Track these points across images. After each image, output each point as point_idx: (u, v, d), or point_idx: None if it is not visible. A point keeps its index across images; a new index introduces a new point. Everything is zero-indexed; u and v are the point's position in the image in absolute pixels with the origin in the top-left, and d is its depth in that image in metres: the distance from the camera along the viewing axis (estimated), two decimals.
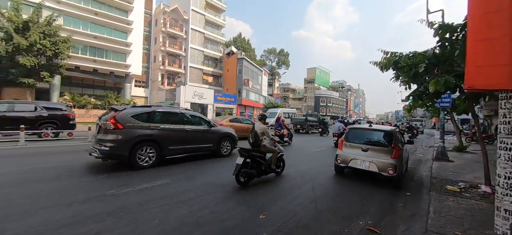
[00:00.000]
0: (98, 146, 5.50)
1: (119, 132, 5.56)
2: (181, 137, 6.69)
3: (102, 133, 5.73)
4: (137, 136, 5.72)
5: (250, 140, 5.14)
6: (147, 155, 5.87)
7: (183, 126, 6.87)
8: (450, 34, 5.51)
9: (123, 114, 5.82)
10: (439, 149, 8.97)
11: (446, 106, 8.52)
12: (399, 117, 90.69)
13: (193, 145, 7.10)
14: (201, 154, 7.52)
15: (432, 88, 4.56)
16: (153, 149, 5.97)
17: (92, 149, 5.70)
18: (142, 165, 5.72)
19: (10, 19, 17.86)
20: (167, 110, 6.94)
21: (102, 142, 5.53)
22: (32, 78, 19.04)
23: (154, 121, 6.26)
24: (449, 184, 5.34)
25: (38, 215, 3.12)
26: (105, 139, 5.53)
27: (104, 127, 5.71)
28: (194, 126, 7.22)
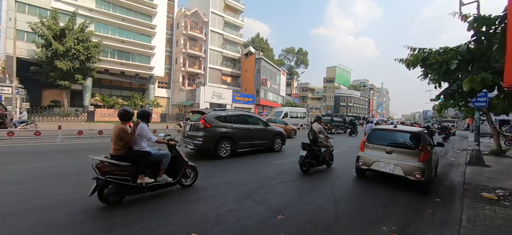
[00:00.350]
0: (192, 141, 7.17)
1: (207, 130, 7.11)
2: (248, 134, 8.19)
3: (194, 131, 7.34)
4: (220, 133, 7.27)
5: (310, 137, 6.35)
6: (225, 148, 7.37)
7: (248, 125, 8.38)
8: (487, 27, 5.05)
9: (209, 116, 7.40)
10: (473, 153, 8.23)
11: (482, 106, 7.80)
12: (428, 117, 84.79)
13: (255, 141, 8.56)
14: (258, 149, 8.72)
15: (466, 86, 4.21)
16: (229, 144, 7.47)
17: (186, 143, 7.39)
18: (222, 156, 7.24)
19: (49, 27, 19.69)
20: (236, 112, 8.61)
21: (195, 137, 7.12)
22: (68, 80, 20.83)
23: (228, 121, 7.76)
24: (485, 191, 4.88)
25: (61, 209, 3.41)
26: (198, 135, 7.11)
27: (196, 126, 7.29)
28: (255, 126, 8.71)
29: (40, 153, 7.23)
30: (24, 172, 5.04)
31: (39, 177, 4.73)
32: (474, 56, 5.37)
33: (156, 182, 3.78)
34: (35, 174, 4.92)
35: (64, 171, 5.25)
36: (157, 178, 3.81)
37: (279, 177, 5.56)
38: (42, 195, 3.79)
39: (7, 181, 4.35)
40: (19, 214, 3.09)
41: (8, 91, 17.00)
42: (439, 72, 5.57)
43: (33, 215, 3.07)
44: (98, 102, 26.51)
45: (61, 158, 6.66)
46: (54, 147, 8.26)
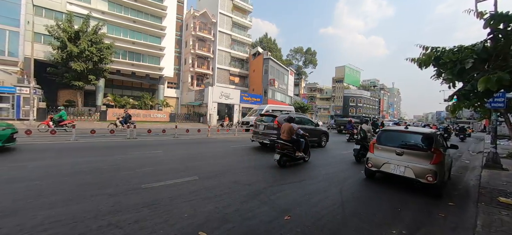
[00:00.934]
0: (268, 137, 9.53)
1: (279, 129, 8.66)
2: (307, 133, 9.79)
3: (268, 129, 9.75)
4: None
5: (361, 135, 8.34)
6: None
7: (305, 125, 10.26)
8: (504, 25, 4.85)
9: (280, 118, 9.49)
10: (489, 156, 7.90)
11: (499, 107, 7.48)
12: (441, 118, 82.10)
13: (310, 139, 9.70)
14: None
15: (481, 86, 4.04)
16: None
17: (262, 138, 9.94)
18: None
19: (64, 29, 20.44)
20: (298, 115, 11.26)
21: (270, 135, 9.54)
22: (82, 81, 21.54)
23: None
24: (502, 195, 4.67)
25: (82, 203, 3.54)
26: (272, 133, 9.48)
27: (270, 126, 9.75)
28: (310, 126, 10.78)
29: (54, 151, 7.52)
30: (43, 168, 5.27)
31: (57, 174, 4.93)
32: (490, 55, 5.16)
33: (301, 156, 6.97)
34: (53, 171, 5.14)
35: (77, 169, 5.44)
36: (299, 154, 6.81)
37: (286, 177, 5.55)
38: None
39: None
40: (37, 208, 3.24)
41: (26, 92, 17.77)
42: (453, 71, 5.37)
43: (48, 210, 3.21)
44: (110, 102, 27.29)
45: (74, 156, 6.89)
46: (70, 145, 8.56)
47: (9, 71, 19.76)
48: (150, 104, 29.24)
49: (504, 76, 4.04)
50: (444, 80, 6.25)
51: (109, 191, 4.02)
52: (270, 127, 9.65)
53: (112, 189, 4.13)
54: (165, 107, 30.56)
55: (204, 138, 13.52)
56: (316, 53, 61.36)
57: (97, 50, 21.51)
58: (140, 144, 9.23)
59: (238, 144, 11.19)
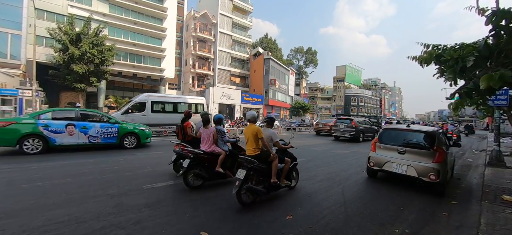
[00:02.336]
0: (348, 133, 14.38)
1: (355, 128, 14.41)
2: (365, 130, 15.53)
3: (348, 128, 14.54)
4: (361, 130, 14.75)
5: None
6: (362, 137, 14.78)
7: (365, 125, 16.28)
8: (507, 21, 4.80)
9: (356, 121, 14.85)
10: (493, 154, 7.84)
11: (502, 105, 7.42)
12: (443, 116, 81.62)
13: (365, 134, 15.51)
14: None
15: (483, 84, 4.00)
16: (363, 135, 14.90)
17: (343, 134, 14.66)
18: (360, 141, 14.39)
19: (66, 32, 20.56)
20: (361, 118, 17.51)
21: (349, 131, 14.39)
22: (83, 83, 21.64)
23: (361, 123, 15.51)
24: (506, 193, 4.63)
25: (85, 203, 3.54)
26: (351, 130, 14.37)
27: (349, 125, 14.56)
28: (366, 125, 16.30)
29: (56, 152, 7.54)
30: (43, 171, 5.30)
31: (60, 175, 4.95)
32: (492, 52, 5.11)
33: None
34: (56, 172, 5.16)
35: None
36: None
37: None
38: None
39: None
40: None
41: (29, 94, 17.89)
42: (455, 69, 5.33)
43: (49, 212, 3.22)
44: (112, 103, 27.41)
45: (76, 158, 6.91)
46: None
47: (11, 74, 19.91)
48: None
49: (507, 73, 3.99)
50: (446, 78, 6.21)
51: (111, 192, 4.03)
52: (350, 126, 14.54)
53: (114, 190, 4.14)
54: None
55: None
56: (317, 52, 61.36)
57: (99, 52, 21.59)
58: (141, 145, 9.24)
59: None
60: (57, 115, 7.71)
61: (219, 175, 4.56)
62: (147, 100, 14.92)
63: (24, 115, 7.17)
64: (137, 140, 9.06)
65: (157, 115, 15.13)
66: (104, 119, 8.68)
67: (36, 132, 7.09)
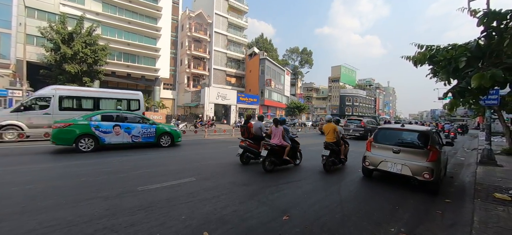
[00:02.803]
0: (358, 132, 16.43)
1: (364, 127, 16.55)
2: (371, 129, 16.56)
3: (357, 127, 16.64)
4: (369, 129, 16.35)
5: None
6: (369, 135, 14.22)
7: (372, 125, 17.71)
8: (498, 22, 4.90)
9: (365, 121, 17.19)
10: (484, 152, 8.01)
11: (493, 104, 7.61)
12: (436, 116, 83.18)
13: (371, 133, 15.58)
14: None
15: (475, 83, 4.08)
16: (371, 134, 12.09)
17: (352, 132, 16.54)
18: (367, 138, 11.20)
19: (58, 31, 20.14)
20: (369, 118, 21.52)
21: (358, 131, 16.54)
22: (76, 83, 21.21)
23: (368, 124, 17.45)
24: (498, 191, 4.73)
25: (77, 207, 3.46)
26: (359, 129, 16.60)
27: (358, 125, 16.70)
28: (372, 125, 17.65)
29: (47, 154, 7.37)
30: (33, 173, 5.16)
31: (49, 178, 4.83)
32: (484, 53, 5.22)
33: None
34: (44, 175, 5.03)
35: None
36: None
37: (284, 177, 5.53)
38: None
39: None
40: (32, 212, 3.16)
41: (19, 94, 17.46)
42: (448, 70, 5.42)
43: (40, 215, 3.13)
44: None
45: (68, 159, 6.76)
46: (64, 148, 8.41)
47: (1, 74, 19.39)
48: (146, 105, 28.99)
49: (498, 72, 4.07)
50: (439, 78, 6.31)
51: (104, 194, 3.95)
52: (359, 126, 16.74)
53: (107, 192, 4.05)
54: (161, 109, 30.35)
55: (201, 139, 13.44)
56: (312, 53, 61.71)
57: (92, 51, 21.22)
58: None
59: (235, 145, 11.14)
60: (104, 116, 8.66)
61: (285, 162, 6.26)
62: (53, 94, 10.96)
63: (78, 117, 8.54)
64: (171, 139, 9.90)
65: (68, 113, 10.72)
66: (144, 120, 9.62)
67: (89, 132, 7.93)
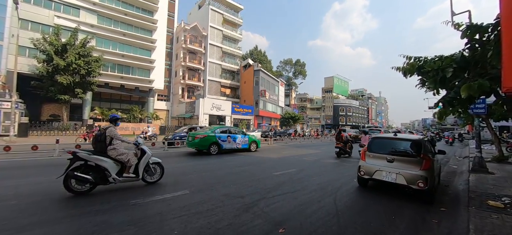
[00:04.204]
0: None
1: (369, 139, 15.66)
2: None
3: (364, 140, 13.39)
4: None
5: None
6: None
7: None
8: (480, 35, 5.14)
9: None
10: (475, 160, 8.15)
11: (481, 113, 7.83)
12: (427, 125, 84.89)
13: None
14: None
15: (464, 93, 4.21)
16: None
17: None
18: None
19: (51, 42, 19.99)
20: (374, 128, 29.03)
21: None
22: (68, 94, 20.90)
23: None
24: (491, 198, 4.78)
25: (63, 223, 3.30)
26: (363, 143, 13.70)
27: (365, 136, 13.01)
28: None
29: (34, 167, 7.11)
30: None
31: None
32: (469, 63, 5.43)
33: None
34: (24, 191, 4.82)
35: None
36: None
37: (279, 188, 5.46)
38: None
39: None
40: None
41: (8, 106, 17.00)
42: (436, 80, 5.60)
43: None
44: (98, 115, 26.50)
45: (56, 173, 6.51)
46: (53, 162, 8.14)
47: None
48: (140, 117, 28.63)
49: (484, 83, 4.23)
50: (428, 88, 6.51)
51: (94, 209, 3.79)
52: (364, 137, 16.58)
53: (97, 207, 3.90)
54: (155, 120, 29.99)
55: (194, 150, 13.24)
56: (305, 64, 62.86)
57: (85, 63, 21.09)
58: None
59: (229, 156, 11.03)
60: (221, 129, 12.37)
61: None
62: None
63: (206, 130, 12.42)
64: (256, 145, 13.47)
65: None
66: (241, 132, 13.12)
67: (216, 141, 11.46)
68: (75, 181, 4.39)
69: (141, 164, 5.04)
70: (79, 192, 4.43)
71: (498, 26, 4.58)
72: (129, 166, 4.86)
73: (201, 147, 11.13)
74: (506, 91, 2.19)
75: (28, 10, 22.84)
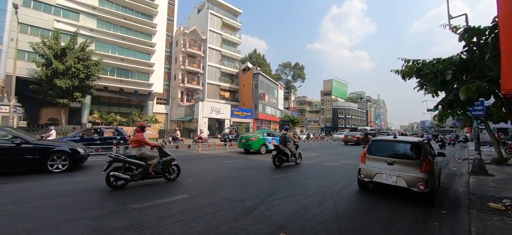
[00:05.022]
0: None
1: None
2: None
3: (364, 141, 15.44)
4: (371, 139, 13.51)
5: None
6: None
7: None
8: (478, 38, 5.18)
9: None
10: (475, 162, 8.15)
11: (480, 115, 7.86)
12: (426, 127, 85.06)
13: None
14: None
15: (463, 95, 4.22)
16: None
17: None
18: None
19: (50, 46, 19.98)
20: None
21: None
22: (67, 98, 20.82)
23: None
24: (491, 201, 4.77)
25: (62, 228, 3.26)
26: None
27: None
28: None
29: None
30: None
31: None
32: (467, 66, 5.46)
33: None
34: None
35: None
36: None
37: (280, 192, 5.43)
38: None
39: None
40: None
41: (6, 110, 16.93)
42: (436, 82, 5.62)
43: None
44: (96, 119, 26.44)
45: (53, 178, 6.47)
46: None
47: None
48: (139, 120, 28.54)
49: (483, 85, 4.25)
50: (427, 91, 6.53)
51: (91, 214, 3.75)
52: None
53: (95, 212, 3.86)
54: (154, 124, 29.93)
55: (194, 154, 13.21)
56: (304, 67, 63.05)
57: (84, 67, 21.05)
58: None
59: (228, 160, 10.99)
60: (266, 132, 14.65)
61: None
62: None
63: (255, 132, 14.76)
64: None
65: None
66: (275, 134, 14.82)
67: (264, 142, 13.50)
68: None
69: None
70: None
71: (496, 29, 4.62)
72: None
73: (254, 148, 13.21)
74: (505, 93, 2.19)
75: (27, 14, 22.90)
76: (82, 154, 7.56)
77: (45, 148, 6.94)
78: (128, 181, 5.35)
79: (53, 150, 7.02)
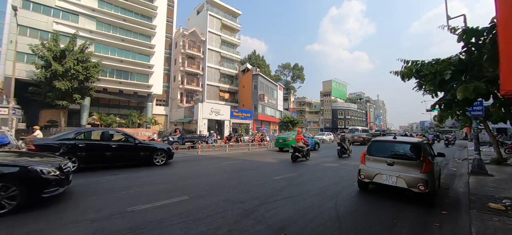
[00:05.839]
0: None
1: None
2: None
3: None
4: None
5: None
6: None
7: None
8: (476, 39, 5.20)
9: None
10: (475, 162, 8.15)
11: (478, 115, 7.87)
12: (425, 127, 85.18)
13: None
14: None
15: (460, 95, 4.25)
16: None
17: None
18: None
19: (50, 48, 19.94)
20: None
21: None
22: (66, 100, 20.76)
23: None
24: (491, 201, 4.77)
25: (60, 231, 3.25)
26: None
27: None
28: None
29: None
30: None
31: None
32: (466, 66, 5.48)
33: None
34: None
35: None
36: None
37: (280, 193, 5.42)
38: None
39: None
40: None
41: (5, 112, 16.88)
42: (435, 82, 5.64)
43: None
44: (96, 121, 26.36)
45: None
46: None
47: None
48: (138, 122, 28.51)
49: (480, 85, 4.27)
50: (426, 91, 6.55)
51: (90, 217, 3.74)
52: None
53: (94, 214, 3.84)
54: (154, 125, 29.88)
55: (194, 155, 13.19)
56: (303, 68, 63.06)
57: (84, 68, 21.00)
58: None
59: (228, 161, 10.98)
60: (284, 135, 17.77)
61: None
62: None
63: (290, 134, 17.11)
64: (318, 146, 18.06)
65: None
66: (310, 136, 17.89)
67: (292, 144, 13.01)
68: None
69: None
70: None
71: (494, 30, 4.64)
72: None
73: (285, 147, 15.99)
74: (504, 93, 2.20)
75: (27, 16, 22.88)
76: (173, 152, 9.85)
77: (152, 147, 9.02)
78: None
79: (158, 148, 9.05)
